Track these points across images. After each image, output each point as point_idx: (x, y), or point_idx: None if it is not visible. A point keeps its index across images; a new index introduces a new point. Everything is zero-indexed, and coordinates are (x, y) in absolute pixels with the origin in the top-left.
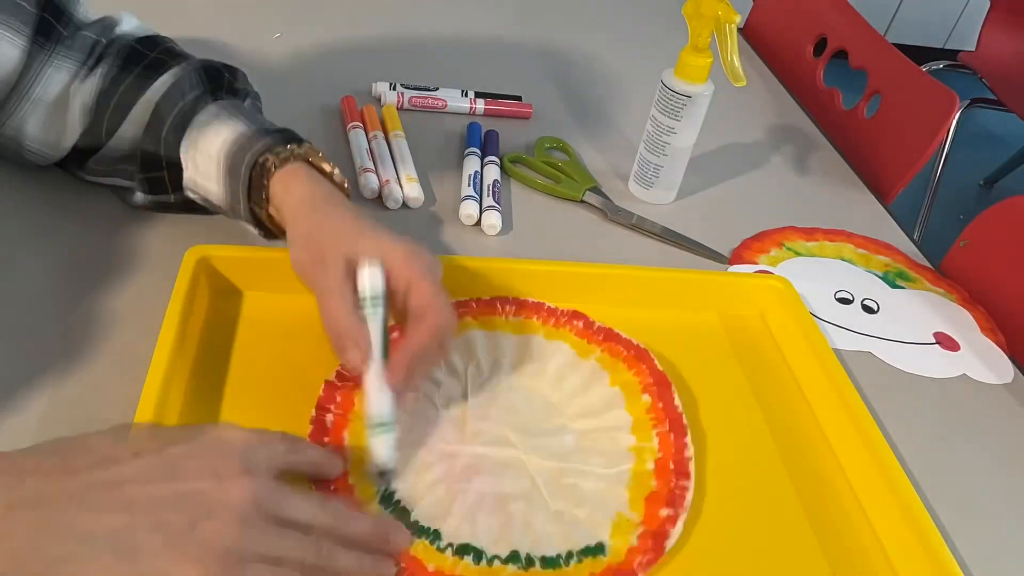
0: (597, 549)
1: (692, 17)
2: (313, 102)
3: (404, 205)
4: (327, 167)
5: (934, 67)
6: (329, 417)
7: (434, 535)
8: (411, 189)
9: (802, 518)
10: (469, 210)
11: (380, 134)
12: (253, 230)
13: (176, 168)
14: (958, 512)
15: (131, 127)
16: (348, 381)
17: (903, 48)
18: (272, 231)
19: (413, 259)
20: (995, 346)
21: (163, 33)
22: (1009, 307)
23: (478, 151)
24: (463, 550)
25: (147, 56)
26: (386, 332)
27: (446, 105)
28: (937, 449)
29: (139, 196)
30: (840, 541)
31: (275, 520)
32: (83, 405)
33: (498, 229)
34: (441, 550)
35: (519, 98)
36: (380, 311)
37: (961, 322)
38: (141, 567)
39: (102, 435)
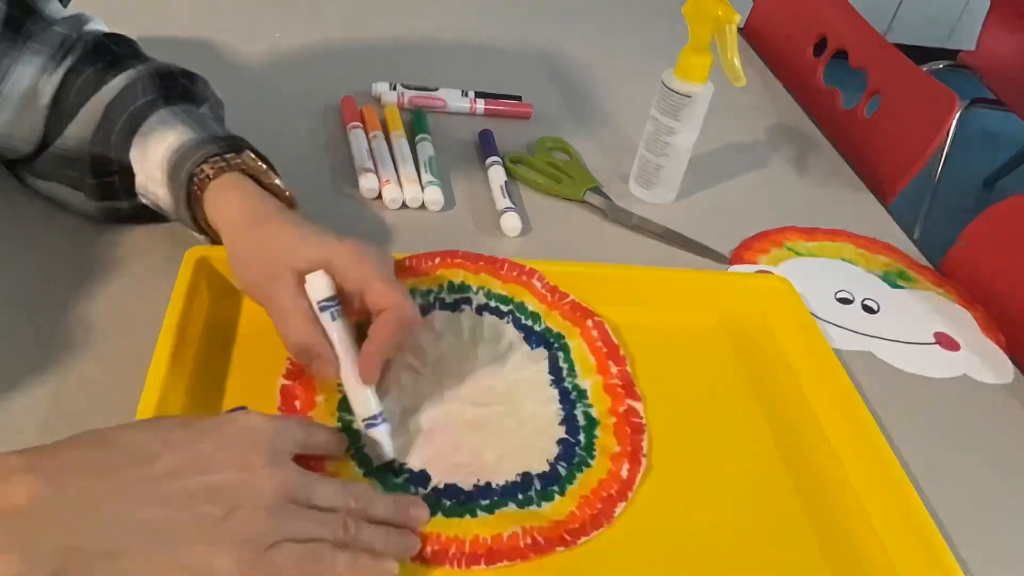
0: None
1: (692, 17)
2: (313, 102)
3: (404, 205)
4: (267, 178)
5: (934, 67)
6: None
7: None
8: (410, 189)
9: (802, 518)
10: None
11: (380, 134)
12: (199, 237)
13: (128, 174)
14: (958, 512)
15: (79, 127)
16: (296, 379)
17: (903, 48)
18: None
19: (362, 257)
20: (995, 346)
21: (163, 33)
22: (1009, 307)
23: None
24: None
25: (112, 51)
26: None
27: (446, 105)
28: (937, 449)
29: (91, 204)
30: (840, 541)
31: (303, 505)
32: (84, 405)
33: (519, 231)
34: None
35: (519, 98)
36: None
37: (961, 322)
38: (179, 557)
39: (136, 429)
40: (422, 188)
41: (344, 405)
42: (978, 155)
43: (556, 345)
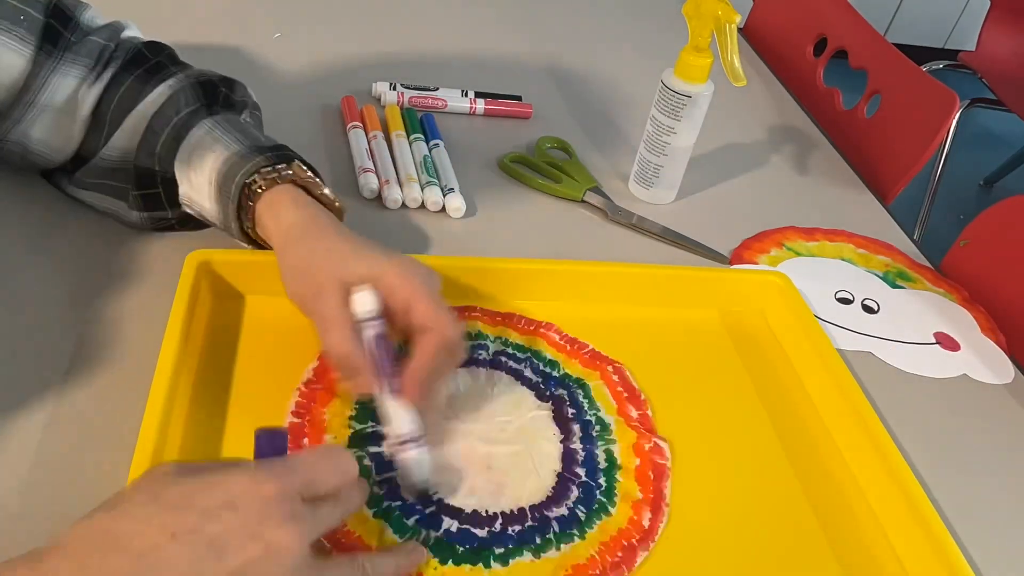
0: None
1: (692, 17)
2: (313, 102)
3: (403, 205)
4: (317, 188)
5: (934, 67)
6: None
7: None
8: (411, 189)
9: (808, 514)
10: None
11: (380, 134)
12: (247, 246)
13: (172, 184)
14: (958, 512)
15: (122, 138)
16: (318, 384)
17: (903, 48)
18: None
19: (408, 275)
20: (995, 346)
21: (165, 34)
22: (1009, 307)
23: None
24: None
25: (149, 60)
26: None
27: (446, 105)
28: (937, 449)
29: (135, 215)
30: (847, 537)
31: None
32: (88, 409)
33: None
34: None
35: (519, 98)
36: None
37: (961, 322)
38: None
39: (131, 518)
40: (421, 188)
41: (357, 441)
42: (978, 155)
43: (575, 386)
